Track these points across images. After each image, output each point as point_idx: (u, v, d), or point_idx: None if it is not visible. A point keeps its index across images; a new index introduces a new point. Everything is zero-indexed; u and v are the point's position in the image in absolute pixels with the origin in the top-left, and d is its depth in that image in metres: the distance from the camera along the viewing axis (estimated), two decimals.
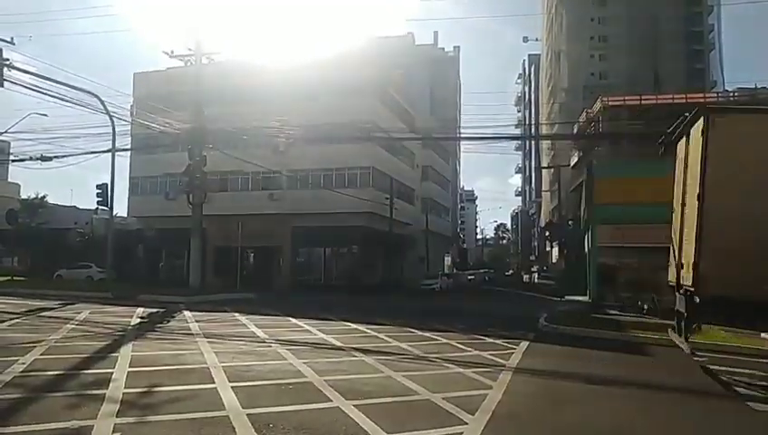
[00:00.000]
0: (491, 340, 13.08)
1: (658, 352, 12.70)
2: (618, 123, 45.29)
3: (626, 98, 46.69)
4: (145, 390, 7.14)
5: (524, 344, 12.56)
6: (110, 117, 24.69)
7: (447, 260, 66.06)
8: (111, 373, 7.99)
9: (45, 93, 20.73)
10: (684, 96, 45.04)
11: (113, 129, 25.27)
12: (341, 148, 35.07)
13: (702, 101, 46.05)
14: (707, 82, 67.41)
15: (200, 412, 6.12)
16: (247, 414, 6.09)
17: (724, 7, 73.64)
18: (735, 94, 49.78)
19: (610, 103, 46.10)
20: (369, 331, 13.99)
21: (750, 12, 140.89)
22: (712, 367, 10.67)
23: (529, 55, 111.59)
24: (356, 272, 37.21)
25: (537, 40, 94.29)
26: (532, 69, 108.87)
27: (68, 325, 13.46)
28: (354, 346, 11.29)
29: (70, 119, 53.41)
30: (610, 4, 70.00)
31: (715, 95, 52.47)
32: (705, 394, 8.58)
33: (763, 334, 15.76)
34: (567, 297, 31.20)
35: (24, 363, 8.57)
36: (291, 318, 16.41)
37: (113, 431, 5.44)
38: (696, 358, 11.86)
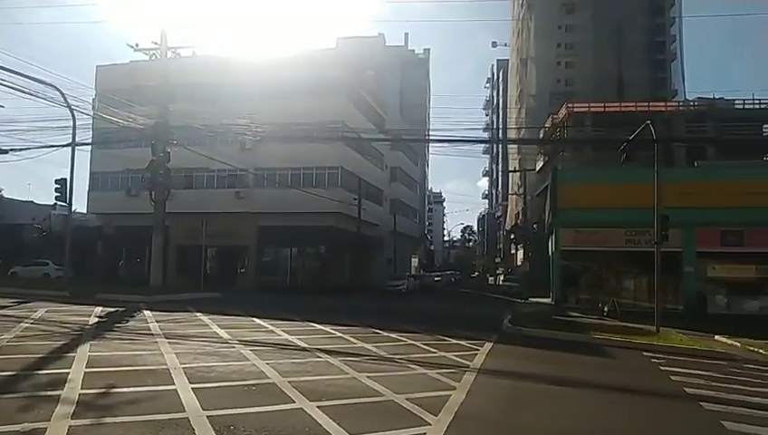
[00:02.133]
0: (455, 341, 13.18)
1: (617, 354, 13.00)
2: (582, 129, 46.33)
3: (590, 105, 47.81)
4: (102, 391, 6.94)
5: (488, 346, 12.70)
6: (71, 110, 24.00)
7: (414, 261, 66.32)
8: (67, 374, 7.75)
9: (2, 84, 19.97)
10: (646, 105, 46.36)
11: (74, 122, 24.58)
12: (310, 147, 34.87)
13: (663, 109, 47.61)
14: (669, 91, 69.42)
15: (159, 414, 5.98)
16: (208, 416, 5.98)
17: (686, 19, 76.10)
18: (695, 104, 51.45)
19: (575, 110, 47.15)
20: (334, 332, 13.93)
21: (711, 24, 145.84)
22: (668, 369, 10.98)
23: (497, 60, 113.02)
24: (322, 272, 37.00)
25: (506, 45, 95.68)
26: (501, 74, 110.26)
27: (22, 324, 13.01)
28: (319, 347, 11.22)
29: (28, 111, 51.81)
30: (578, 12, 71.50)
31: (676, 104, 54.12)
32: (661, 395, 8.81)
33: (716, 337, 16.32)
34: (531, 299, 31.73)
35: None
36: (255, 319, 16.21)
37: (68, 434, 5.27)
38: (653, 360, 12.20)
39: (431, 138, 60.22)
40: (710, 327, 17.80)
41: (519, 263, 62.89)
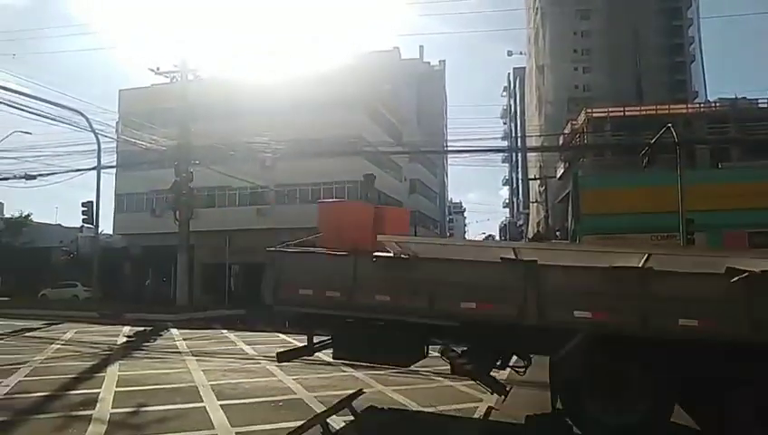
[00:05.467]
0: None
1: None
2: (602, 135, 45.87)
3: (610, 110, 47.34)
4: (133, 410, 7.06)
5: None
6: (96, 134, 24.61)
7: None
8: (98, 393, 7.89)
9: (30, 111, 20.60)
10: (667, 107, 45.74)
11: (98, 146, 25.16)
12: (329, 162, 35.09)
13: (684, 111, 46.96)
14: (689, 94, 68.51)
15: (189, 432, 6.07)
16: (236, 433, 6.04)
17: (705, 20, 75.27)
18: (717, 105, 50.67)
19: (594, 115, 46.72)
20: None
21: (731, 24, 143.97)
22: None
23: (514, 69, 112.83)
24: None
25: (522, 53, 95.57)
26: (517, 82, 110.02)
27: (53, 345, 13.27)
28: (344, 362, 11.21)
29: (55, 136, 53.08)
30: (593, 18, 71.17)
31: (698, 106, 53.35)
32: None
33: None
34: None
35: (8, 386, 8.43)
36: (280, 334, 16.27)
37: None
38: None
39: (449, 149, 60.13)
40: None
41: None
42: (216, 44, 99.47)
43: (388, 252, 7.14)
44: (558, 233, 46.50)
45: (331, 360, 11.36)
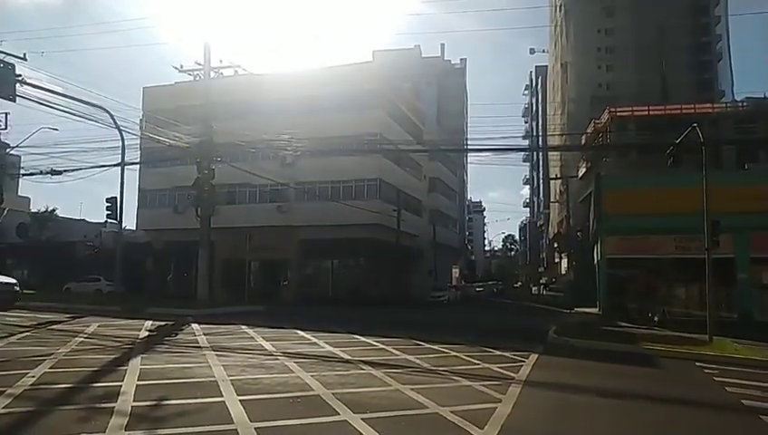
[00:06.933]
0: (499, 352, 13.00)
1: (670, 365, 12.58)
2: (625, 134, 45.23)
3: (634, 109, 46.64)
4: (154, 403, 7.14)
5: (534, 357, 12.48)
6: (120, 131, 24.95)
7: (455, 272, 65.84)
8: (120, 387, 8.00)
9: (57, 108, 20.94)
10: (693, 107, 44.91)
11: (123, 143, 25.53)
12: (349, 160, 35.20)
13: (710, 111, 46.06)
14: (716, 93, 67.19)
15: (208, 426, 6.12)
16: (255, 428, 6.08)
17: (733, 18, 73.68)
18: (744, 104, 49.62)
19: (618, 114, 46.07)
20: (376, 343, 13.95)
21: (761, 21, 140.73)
22: (723, 380, 10.55)
23: (536, 67, 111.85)
24: (363, 284, 37.14)
25: (544, 51, 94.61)
26: (540, 80, 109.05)
27: (77, 338, 13.51)
28: (362, 359, 11.25)
29: (80, 133, 53.95)
30: (617, 15, 70.16)
31: (724, 105, 52.29)
32: (717, 408, 8.49)
33: None
34: (576, 309, 31.00)
35: (33, 377, 8.60)
36: (298, 331, 16.38)
37: None
38: (707, 371, 11.75)
39: (469, 147, 59.94)
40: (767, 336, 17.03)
41: (563, 272, 61.76)
42: (239, 43, 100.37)
43: None
44: (579, 233, 46.05)
45: (350, 358, 11.47)
